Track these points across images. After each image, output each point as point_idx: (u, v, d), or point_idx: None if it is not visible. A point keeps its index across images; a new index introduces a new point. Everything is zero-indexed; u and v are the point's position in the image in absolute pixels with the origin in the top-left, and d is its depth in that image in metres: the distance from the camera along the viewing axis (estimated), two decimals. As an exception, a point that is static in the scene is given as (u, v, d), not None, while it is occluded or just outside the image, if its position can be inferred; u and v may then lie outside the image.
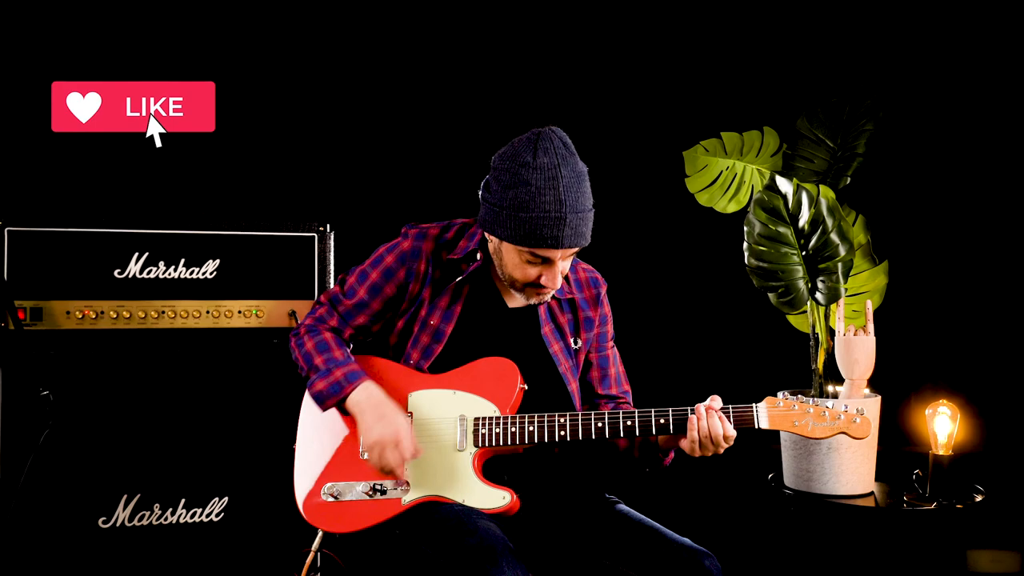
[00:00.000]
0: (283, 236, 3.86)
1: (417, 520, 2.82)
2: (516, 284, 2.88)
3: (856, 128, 4.34)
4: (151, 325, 3.71)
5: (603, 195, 2.87)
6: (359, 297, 3.02)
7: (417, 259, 2.97)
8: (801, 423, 2.76)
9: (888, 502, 3.91)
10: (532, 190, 2.69)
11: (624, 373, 3.23)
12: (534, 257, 2.77)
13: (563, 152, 2.75)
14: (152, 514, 3.70)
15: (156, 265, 3.74)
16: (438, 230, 3.02)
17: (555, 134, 2.78)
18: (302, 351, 2.99)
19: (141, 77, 4.02)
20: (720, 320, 4.93)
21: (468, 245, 2.98)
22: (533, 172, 2.70)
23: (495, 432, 2.86)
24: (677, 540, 2.74)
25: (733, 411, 2.77)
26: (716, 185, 4.47)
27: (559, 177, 2.70)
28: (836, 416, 2.76)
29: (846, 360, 3.95)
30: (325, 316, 3.05)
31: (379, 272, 3.00)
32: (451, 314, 2.98)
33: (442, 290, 2.99)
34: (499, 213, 2.75)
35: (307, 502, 2.93)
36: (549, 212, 2.68)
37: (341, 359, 2.93)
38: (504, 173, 2.75)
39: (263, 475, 3.75)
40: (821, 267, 4.05)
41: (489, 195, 2.80)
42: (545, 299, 2.94)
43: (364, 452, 2.86)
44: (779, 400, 2.76)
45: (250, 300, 3.82)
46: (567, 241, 2.72)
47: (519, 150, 2.76)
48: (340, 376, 2.88)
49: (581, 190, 2.75)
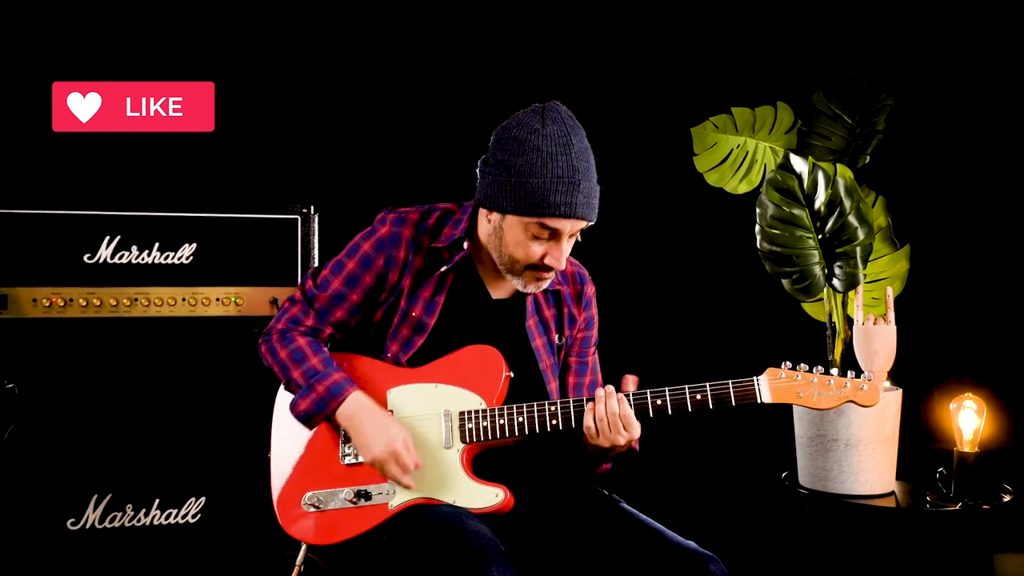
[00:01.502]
0: (264, 218, 3.84)
1: (405, 524, 2.79)
2: (516, 267, 2.84)
3: (876, 103, 4.32)
4: (123, 313, 3.69)
5: (605, 175, 2.84)
6: (334, 289, 2.96)
7: (396, 246, 2.93)
8: (806, 394, 2.75)
9: (910, 503, 3.91)
10: (543, 155, 2.67)
11: (600, 382, 3.19)
12: (542, 229, 2.73)
13: (571, 123, 2.75)
14: (124, 515, 3.68)
15: (128, 249, 3.72)
16: (418, 215, 2.98)
17: (560, 107, 2.78)
18: (276, 359, 2.95)
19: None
20: (730, 308, 4.94)
21: (454, 232, 2.94)
22: (543, 139, 2.69)
23: (482, 426, 2.84)
24: (681, 543, 2.71)
25: (733, 386, 2.75)
26: (726, 164, 4.46)
27: (571, 144, 2.69)
28: (842, 384, 2.74)
29: (865, 351, 3.93)
30: (299, 316, 2.99)
31: (356, 261, 2.96)
32: (434, 305, 2.95)
33: (424, 280, 2.95)
34: (505, 183, 2.71)
35: (287, 514, 2.91)
36: (563, 176, 2.67)
37: (321, 370, 2.88)
38: (511, 142, 2.72)
39: (243, 474, 3.73)
40: (838, 252, 4.02)
41: (490, 168, 2.78)
42: (544, 285, 2.90)
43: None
44: (781, 371, 2.75)
45: (229, 287, 3.80)
46: (580, 210, 2.70)
47: (525, 120, 2.75)
48: (323, 392, 2.84)
49: (591, 163, 2.75)
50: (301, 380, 2.87)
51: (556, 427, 2.81)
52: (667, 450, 4.31)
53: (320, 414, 2.84)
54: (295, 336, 2.95)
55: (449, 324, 2.95)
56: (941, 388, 4.35)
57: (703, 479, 4.77)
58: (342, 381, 2.85)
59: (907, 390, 4.04)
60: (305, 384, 2.86)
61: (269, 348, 2.97)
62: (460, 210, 2.98)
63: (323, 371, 2.86)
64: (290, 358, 2.91)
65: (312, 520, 2.87)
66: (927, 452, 4.21)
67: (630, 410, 2.75)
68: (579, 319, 3.11)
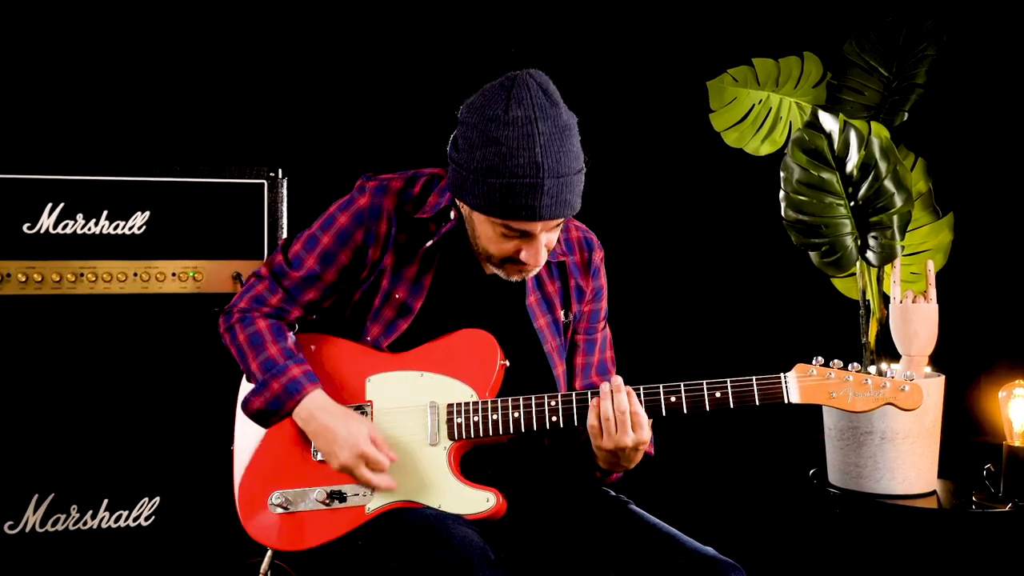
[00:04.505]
0: (226, 183, 3.82)
1: (383, 529, 2.77)
2: (492, 259, 2.83)
3: (915, 54, 4.30)
4: (67, 290, 3.67)
5: (609, 136, 2.79)
6: (308, 268, 2.95)
7: (377, 219, 2.91)
8: (839, 394, 2.73)
9: (954, 503, 3.92)
10: (503, 151, 2.60)
11: (612, 359, 3.20)
12: (509, 231, 2.71)
13: (541, 102, 2.67)
14: (69, 517, 3.67)
15: (73, 218, 3.69)
16: (402, 183, 2.97)
17: (533, 79, 2.70)
18: (234, 342, 2.95)
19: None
20: (751, 286, 4.99)
21: (439, 201, 2.92)
22: (504, 129, 2.61)
23: (473, 421, 2.82)
24: (698, 549, 2.69)
25: (758, 384, 2.72)
26: (747, 122, 4.44)
27: (535, 135, 2.61)
28: (880, 384, 2.72)
29: (903, 332, 3.93)
30: (265, 295, 2.98)
31: (331, 236, 2.94)
32: (421, 286, 2.94)
33: (409, 257, 2.94)
34: (466, 178, 2.68)
35: (252, 516, 2.89)
36: (523, 178, 2.60)
37: (279, 363, 2.86)
38: (471, 130, 2.68)
39: (202, 471, 3.72)
40: (873, 220, 4.00)
41: (457, 155, 2.75)
42: (530, 275, 2.90)
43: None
44: (812, 368, 2.73)
45: (186, 260, 3.78)
46: (545, 212, 2.65)
47: (488, 101, 2.68)
48: (278, 389, 2.84)
49: (565, 148, 2.67)
50: (258, 372, 2.86)
51: (556, 424, 2.78)
52: (680, 444, 4.31)
53: (275, 414, 2.84)
54: (256, 318, 2.95)
55: (438, 305, 2.94)
56: (989, 374, 4.42)
57: (721, 477, 4.78)
58: (301, 378, 2.84)
59: (950, 377, 4.05)
60: (260, 377, 2.85)
61: (228, 328, 2.97)
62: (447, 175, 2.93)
63: (281, 364, 2.86)
64: (248, 343, 2.91)
65: (279, 523, 2.85)
66: (973, 446, 4.25)
67: (640, 407, 2.72)
68: (587, 291, 3.09)
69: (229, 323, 2.97)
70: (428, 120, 4.21)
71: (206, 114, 4.55)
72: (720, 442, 4.82)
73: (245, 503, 2.89)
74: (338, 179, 3.20)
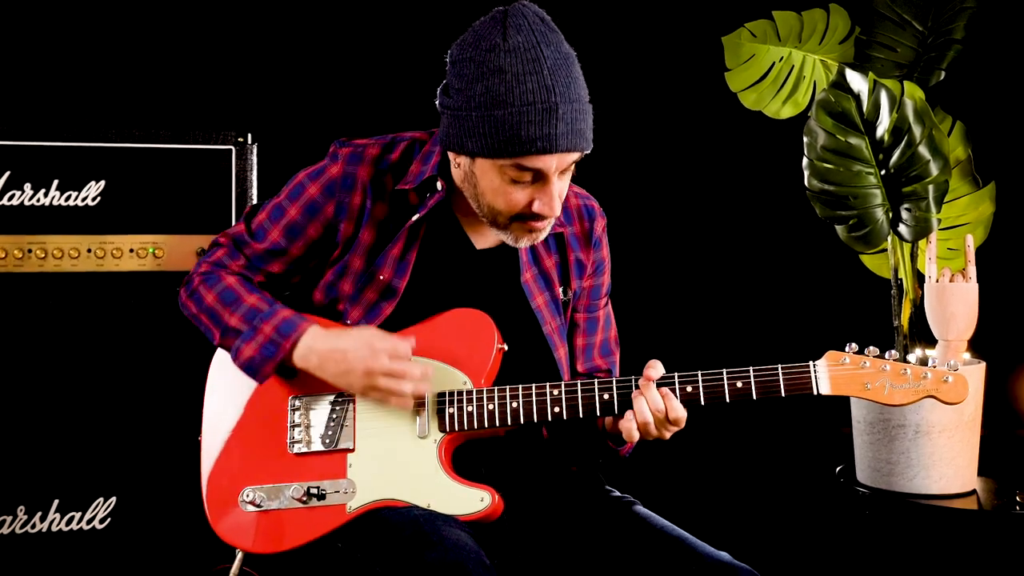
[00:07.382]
0: (189, 149, 3.80)
1: (366, 531, 2.76)
2: (500, 219, 2.81)
3: (952, 6, 4.32)
4: (13, 268, 3.65)
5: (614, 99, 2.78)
6: (272, 241, 2.98)
7: (351, 190, 2.92)
8: (875, 386, 2.71)
9: (995, 503, 3.94)
10: (507, 78, 2.60)
11: (616, 338, 3.21)
12: (520, 171, 2.68)
13: (541, 28, 2.68)
14: (15, 520, 3.66)
15: (20, 188, 3.67)
16: (379, 149, 2.96)
17: (527, 8, 2.72)
18: (202, 307, 2.94)
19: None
20: (772, 262, 5.00)
21: (423, 170, 2.91)
22: (507, 56, 2.62)
23: (467, 411, 2.80)
24: (711, 554, 2.70)
25: (784, 373, 2.71)
26: (766, 82, 4.48)
27: (541, 59, 2.62)
28: (920, 375, 2.71)
29: (939, 314, 3.94)
30: (225, 260, 3.02)
31: (299, 207, 2.95)
32: (405, 265, 2.94)
33: (390, 234, 2.94)
34: (467, 117, 2.67)
35: (221, 515, 2.88)
36: (534, 102, 2.59)
37: (264, 308, 2.86)
38: (467, 64, 2.67)
39: (164, 467, 3.69)
40: (906, 191, 4.02)
41: (450, 98, 2.74)
42: (541, 237, 2.87)
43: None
44: (844, 356, 2.71)
45: (145, 235, 3.76)
46: (563, 141, 2.63)
47: (482, 33, 2.69)
48: (270, 332, 2.82)
49: (572, 75, 2.68)
50: (241, 324, 2.86)
51: (559, 416, 2.77)
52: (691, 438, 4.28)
53: (271, 360, 2.81)
54: (223, 275, 2.97)
55: (425, 286, 2.94)
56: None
57: (736, 474, 4.78)
58: (293, 317, 2.84)
59: (991, 364, 4.07)
60: (247, 326, 2.84)
61: (192, 293, 2.98)
62: (431, 140, 2.96)
63: (267, 309, 2.87)
64: (219, 301, 2.91)
65: (252, 522, 2.85)
66: (1017, 441, 4.23)
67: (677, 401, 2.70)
68: (588, 265, 3.09)
69: (192, 288, 2.97)
70: (412, 79, 4.23)
71: (167, 73, 4.55)
72: (735, 435, 4.84)
73: (214, 501, 2.89)
74: (313, 145, 3.20)
